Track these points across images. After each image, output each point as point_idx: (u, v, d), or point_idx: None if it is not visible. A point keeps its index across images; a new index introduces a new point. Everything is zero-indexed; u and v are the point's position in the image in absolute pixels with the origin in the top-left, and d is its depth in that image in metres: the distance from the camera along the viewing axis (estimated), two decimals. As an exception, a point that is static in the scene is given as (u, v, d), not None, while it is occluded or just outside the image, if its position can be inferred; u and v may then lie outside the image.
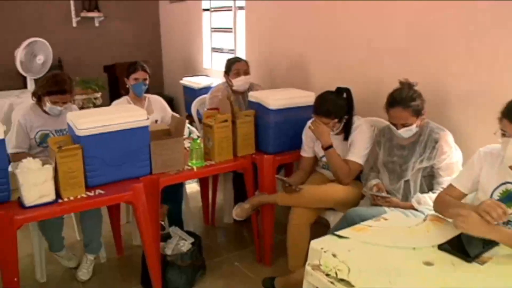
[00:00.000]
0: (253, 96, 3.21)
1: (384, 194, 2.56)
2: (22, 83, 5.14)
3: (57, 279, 3.14)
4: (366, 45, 3.36)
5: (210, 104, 3.62)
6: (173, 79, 5.78)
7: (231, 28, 4.77)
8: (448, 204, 2.08)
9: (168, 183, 2.80)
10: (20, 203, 2.39)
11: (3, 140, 2.37)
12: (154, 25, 6.30)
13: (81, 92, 4.55)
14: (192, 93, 4.61)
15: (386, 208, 2.46)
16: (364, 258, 1.79)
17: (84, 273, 3.09)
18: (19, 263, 2.37)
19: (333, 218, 2.84)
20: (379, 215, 2.28)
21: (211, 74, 5.09)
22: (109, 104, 4.43)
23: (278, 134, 3.14)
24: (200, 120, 4.08)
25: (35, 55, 4.33)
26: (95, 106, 4.64)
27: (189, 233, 3.16)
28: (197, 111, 4.11)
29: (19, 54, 4.22)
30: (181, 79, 5.03)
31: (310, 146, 3.08)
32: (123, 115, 2.66)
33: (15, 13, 5.34)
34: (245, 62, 3.66)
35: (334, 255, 1.79)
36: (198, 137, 3.00)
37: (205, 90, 4.67)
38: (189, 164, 2.94)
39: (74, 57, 5.43)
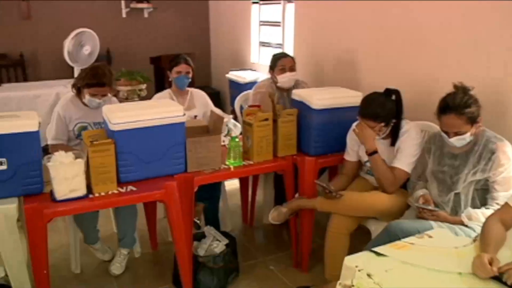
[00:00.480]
0: (296, 94, 3.07)
1: (431, 207, 2.36)
2: (70, 73, 5.20)
3: (91, 271, 3.13)
4: (420, 43, 3.13)
5: (253, 100, 3.50)
6: (221, 73, 5.70)
7: (279, 22, 4.61)
8: (495, 242, 1.83)
9: (202, 183, 2.71)
10: (51, 196, 2.37)
11: (37, 133, 2.34)
12: (203, 17, 6.24)
13: (126, 83, 4.54)
14: (237, 87, 4.50)
15: (432, 223, 2.26)
16: (402, 281, 1.63)
17: (117, 267, 3.06)
18: (56, 252, 2.35)
19: (374, 228, 2.68)
20: (424, 230, 2.10)
21: (258, 68, 4.97)
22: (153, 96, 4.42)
23: (321, 135, 2.98)
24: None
25: (82, 45, 4.35)
26: (140, 97, 4.63)
27: (224, 234, 3.06)
28: (241, 106, 4.01)
29: (67, 44, 4.25)
30: (228, 73, 4.95)
31: (354, 149, 2.90)
32: (158, 110, 2.58)
33: (66, 3, 5.42)
34: (291, 58, 3.51)
35: (369, 275, 1.64)
36: (240, 133, 2.89)
37: (250, 84, 4.53)
38: (227, 163, 2.83)
39: (122, 48, 5.45)
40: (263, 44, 5.06)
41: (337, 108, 2.96)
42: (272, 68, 3.53)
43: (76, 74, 4.51)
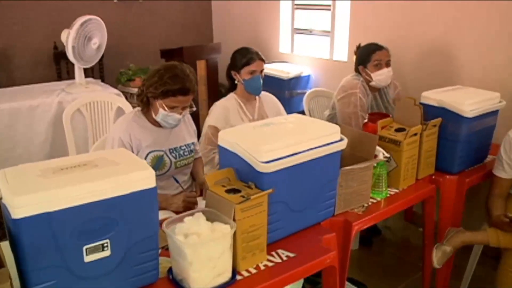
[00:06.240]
0: (430, 98, 2.21)
1: None
2: (55, 73, 3.91)
3: None
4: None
5: (346, 104, 2.59)
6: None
7: (328, 5, 3.59)
8: None
9: (362, 227, 1.82)
10: (175, 284, 1.37)
11: (155, 191, 1.31)
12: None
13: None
14: (277, 83, 3.50)
15: None
16: None
17: None
18: None
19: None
20: None
21: (291, 60, 3.95)
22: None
23: (466, 149, 2.22)
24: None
25: (90, 38, 3.13)
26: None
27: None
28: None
29: (71, 37, 3.00)
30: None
31: (512, 165, 2.14)
32: (313, 135, 1.62)
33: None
34: (387, 50, 2.63)
35: None
36: (387, 157, 1.98)
37: (295, 80, 3.61)
38: (372, 194, 1.95)
39: (115, 39, 4.13)
40: (299, 31, 4.00)
41: (484, 114, 2.21)
42: (363, 63, 2.63)
43: (77, 74, 3.29)
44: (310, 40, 3.89)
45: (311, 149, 1.57)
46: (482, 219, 2.30)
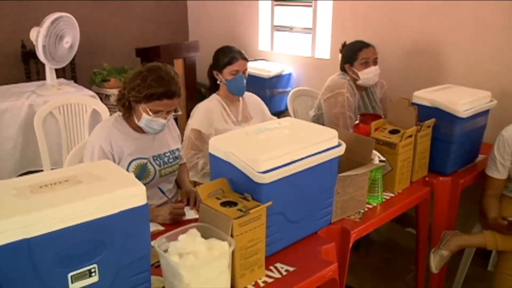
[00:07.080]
0: (423, 97, 2.15)
1: None
2: (23, 74, 3.69)
3: None
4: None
5: (333, 105, 2.49)
6: (207, 64, 4.40)
7: (309, 2, 3.45)
8: None
9: (360, 235, 1.75)
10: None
11: (146, 208, 1.18)
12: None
13: (118, 85, 3.21)
14: (257, 82, 3.37)
15: None
16: None
17: None
18: None
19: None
20: None
21: (271, 58, 3.84)
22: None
23: (460, 149, 2.17)
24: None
25: (61, 36, 2.93)
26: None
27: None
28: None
29: (41, 35, 2.80)
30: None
31: (506, 165, 2.08)
32: (311, 141, 1.52)
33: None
34: (374, 47, 2.55)
35: None
36: (383, 161, 1.90)
37: (276, 79, 3.51)
38: (368, 200, 1.87)
39: (87, 37, 3.91)
40: (278, 28, 3.86)
41: (476, 115, 2.16)
42: (349, 62, 2.54)
43: (48, 75, 3.09)
44: (290, 37, 3.79)
45: (309, 156, 1.48)
46: (474, 219, 2.26)
